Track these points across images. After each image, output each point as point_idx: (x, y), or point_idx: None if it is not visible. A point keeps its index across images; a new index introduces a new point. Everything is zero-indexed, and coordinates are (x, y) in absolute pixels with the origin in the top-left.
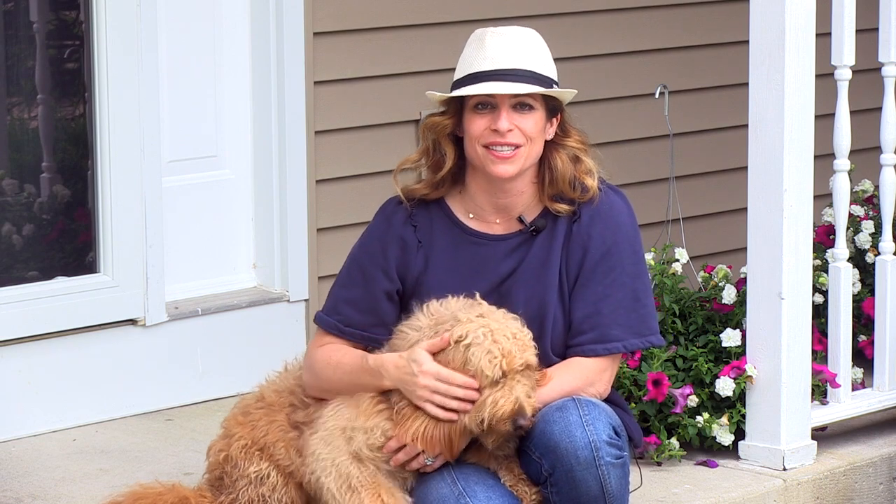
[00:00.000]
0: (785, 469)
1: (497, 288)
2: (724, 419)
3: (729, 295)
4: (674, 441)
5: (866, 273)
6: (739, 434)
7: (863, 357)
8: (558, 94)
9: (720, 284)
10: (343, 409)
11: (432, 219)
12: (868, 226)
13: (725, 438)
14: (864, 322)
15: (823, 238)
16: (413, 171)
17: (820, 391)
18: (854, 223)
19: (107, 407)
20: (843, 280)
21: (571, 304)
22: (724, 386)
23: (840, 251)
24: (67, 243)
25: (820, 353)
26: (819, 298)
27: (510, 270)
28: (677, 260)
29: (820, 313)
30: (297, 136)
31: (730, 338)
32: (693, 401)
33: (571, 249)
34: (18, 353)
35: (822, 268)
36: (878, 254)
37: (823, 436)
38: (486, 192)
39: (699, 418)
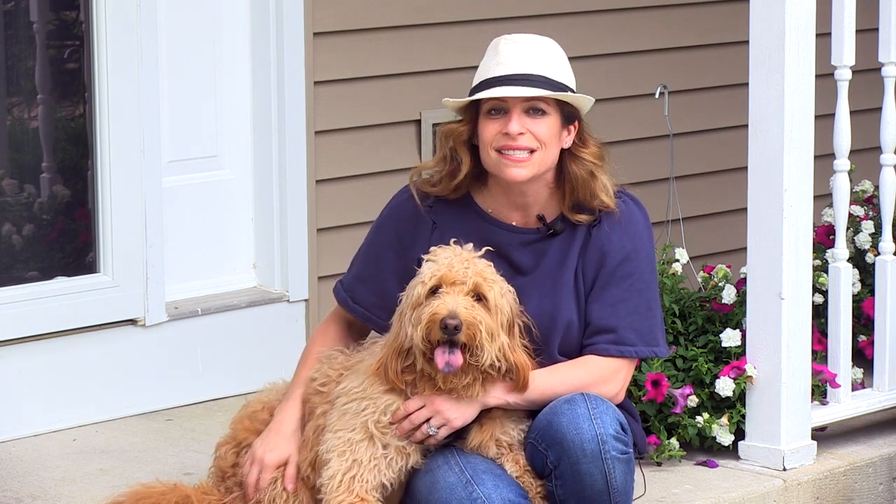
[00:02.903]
0: (785, 469)
1: (511, 280)
2: (724, 419)
3: (729, 295)
4: (674, 441)
5: (866, 273)
6: (739, 434)
7: (863, 357)
8: (569, 99)
9: (720, 284)
10: (354, 386)
11: (449, 203)
12: (868, 226)
13: (725, 438)
14: (864, 322)
15: (823, 238)
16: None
17: (820, 391)
18: (854, 223)
19: (107, 407)
20: (843, 280)
21: (588, 305)
22: (724, 386)
23: (840, 251)
24: (67, 243)
25: (820, 353)
26: (819, 298)
27: (526, 266)
28: (677, 260)
29: (820, 313)
30: (297, 136)
31: (730, 338)
32: (693, 401)
33: (589, 253)
34: (18, 353)
35: (822, 268)
36: (878, 254)
37: (823, 436)
38: (504, 193)
39: (699, 418)
